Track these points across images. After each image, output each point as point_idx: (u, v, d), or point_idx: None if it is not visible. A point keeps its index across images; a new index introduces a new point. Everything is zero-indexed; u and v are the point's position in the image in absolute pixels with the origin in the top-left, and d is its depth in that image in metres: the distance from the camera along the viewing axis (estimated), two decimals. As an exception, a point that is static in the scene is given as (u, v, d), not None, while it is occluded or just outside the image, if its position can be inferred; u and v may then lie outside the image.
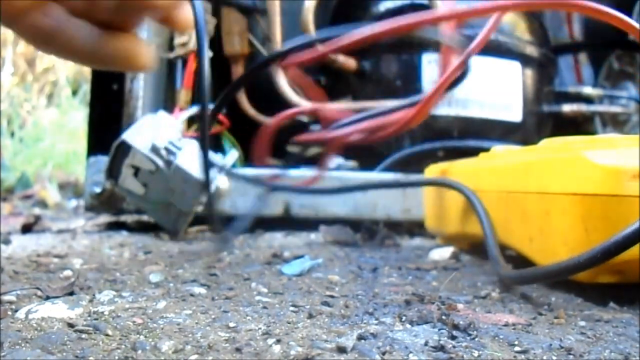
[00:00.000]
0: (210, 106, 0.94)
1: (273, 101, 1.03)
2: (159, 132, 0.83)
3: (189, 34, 0.95)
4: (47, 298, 0.45)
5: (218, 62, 1.03)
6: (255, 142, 0.80)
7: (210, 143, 0.91)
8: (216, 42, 1.01)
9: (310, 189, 0.86)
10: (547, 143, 0.55)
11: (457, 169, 0.70)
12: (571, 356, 0.34)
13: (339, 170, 1.00)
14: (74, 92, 2.64)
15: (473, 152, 0.73)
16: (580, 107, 1.11)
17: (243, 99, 1.05)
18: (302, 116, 1.04)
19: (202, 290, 0.48)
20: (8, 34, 2.76)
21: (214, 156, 0.87)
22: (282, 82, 1.01)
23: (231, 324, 0.38)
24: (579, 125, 1.14)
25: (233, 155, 0.92)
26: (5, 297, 0.44)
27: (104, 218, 1.02)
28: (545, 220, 0.49)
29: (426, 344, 0.35)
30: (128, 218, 1.01)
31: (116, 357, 0.32)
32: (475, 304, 0.46)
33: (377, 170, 0.97)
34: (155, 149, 0.80)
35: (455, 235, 0.71)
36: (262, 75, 1.04)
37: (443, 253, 0.68)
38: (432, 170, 0.79)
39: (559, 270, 0.43)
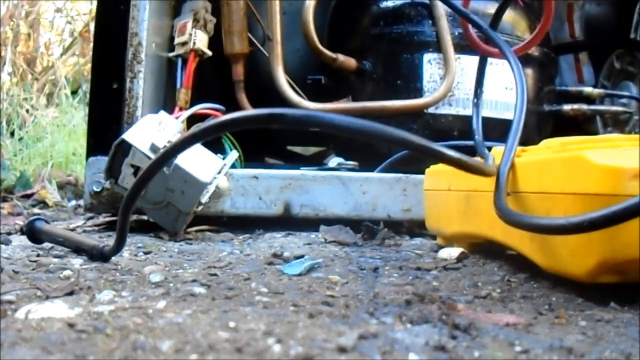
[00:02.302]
0: (212, 105, 0.95)
1: (273, 101, 1.03)
2: (159, 131, 0.83)
3: (189, 33, 0.95)
4: (47, 298, 0.44)
5: (218, 62, 1.03)
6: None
7: (210, 143, 0.91)
8: (216, 42, 1.01)
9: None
10: (547, 143, 0.54)
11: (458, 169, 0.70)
12: (572, 356, 0.33)
13: (339, 170, 1.00)
14: (74, 92, 2.64)
15: (473, 152, 0.73)
16: (581, 107, 1.11)
17: (243, 99, 1.05)
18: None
19: (202, 290, 0.48)
20: (8, 33, 2.76)
21: (214, 157, 0.87)
22: (283, 81, 1.01)
23: (231, 324, 0.38)
24: (580, 125, 1.14)
25: (233, 155, 0.92)
26: (5, 297, 0.44)
27: (104, 218, 1.02)
28: (546, 220, 0.49)
29: (427, 343, 0.34)
30: (128, 218, 1.01)
31: (116, 357, 0.32)
32: (476, 303, 0.46)
33: (377, 170, 0.97)
34: (154, 149, 0.80)
35: (456, 235, 0.71)
36: (262, 74, 1.04)
37: (451, 252, 0.68)
38: (432, 171, 0.79)
39: (543, 226, 0.44)
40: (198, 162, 0.83)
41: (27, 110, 2.44)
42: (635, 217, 0.37)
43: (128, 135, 0.81)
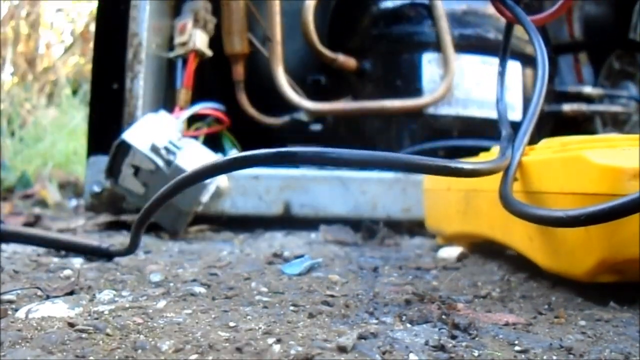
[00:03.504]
0: (212, 104, 0.95)
1: (273, 101, 1.03)
2: (159, 131, 0.83)
3: (189, 33, 0.95)
4: (47, 297, 0.44)
5: (219, 62, 1.03)
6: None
7: (210, 142, 0.91)
8: (216, 42, 1.01)
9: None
10: (547, 143, 0.55)
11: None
12: (571, 356, 0.34)
13: (339, 170, 1.00)
14: (74, 92, 2.64)
15: (473, 151, 0.73)
16: (581, 107, 1.11)
17: (243, 98, 1.05)
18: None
19: (202, 290, 0.48)
20: (9, 33, 2.76)
21: (214, 156, 0.87)
22: (283, 81, 1.01)
23: (231, 324, 0.38)
24: (579, 125, 1.14)
25: (233, 155, 0.92)
26: (6, 297, 0.44)
27: (104, 218, 1.02)
28: (546, 219, 0.49)
29: (426, 343, 0.35)
30: (128, 218, 1.01)
31: (116, 357, 0.32)
32: (476, 303, 0.46)
33: (377, 170, 0.97)
34: (155, 149, 0.80)
35: (456, 235, 0.71)
36: (262, 74, 1.04)
37: (451, 252, 0.68)
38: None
39: (542, 218, 0.44)
40: (198, 161, 0.83)
41: (28, 111, 2.45)
42: (633, 213, 0.37)
43: (128, 136, 0.81)
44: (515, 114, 1.02)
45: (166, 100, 0.99)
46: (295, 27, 1.02)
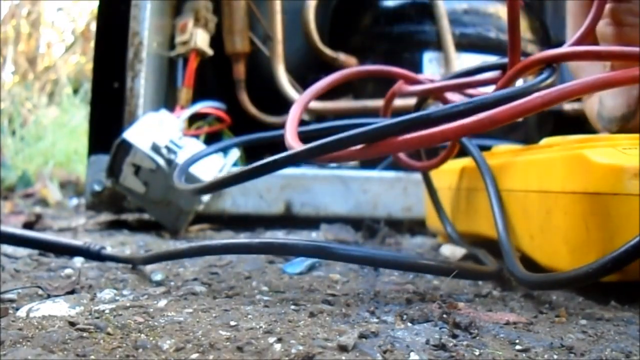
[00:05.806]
0: (213, 103, 0.95)
1: (274, 99, 1.03)
2: (160, 130, 0.83)
3: (190, 32, 0.95)
4: (48, 297, 0.45)
5: (219, 61, 1.03)
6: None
7: (211, 141, 0.91)
8: (217, 41, 1.01)
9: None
10: (548, 142, 0.54)
11: (459, 168, 0.70)
12: (572, 355, 0.34)
13: (340, 169, 1.00)
14: (75, 91, 2.64)
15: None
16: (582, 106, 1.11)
17: (244, 97, 1.05)
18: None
19: (203, 289, 0.48)
20: (10, 32, 2.76)
21: (215, 155, 0.87)
22: (284, 80, 1.01)
23: (232, 323, 0.38)
24: (580, 124, 1.14)
25: (234, 154, 0.92)
26: (6, 296, 0.44)
27: (105, 217, 1.02)
28: (546, 218, 0.49)
29: (427, 342, 0.35)
30: (129, 217, 1.01)
31: (117, 356, 0.32)
32: (477, 302, 0.46)
33: (378, 169, 0.97)
34: (156, 148, 0.80)
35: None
36: (263, 73, 1.05)
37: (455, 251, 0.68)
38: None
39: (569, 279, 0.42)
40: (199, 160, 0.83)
41: (29, 110, 2.45)
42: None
43: (129, 135, 0.81)
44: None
45: (167, 99, 0.99)
46: (296, 26, 1.02)
